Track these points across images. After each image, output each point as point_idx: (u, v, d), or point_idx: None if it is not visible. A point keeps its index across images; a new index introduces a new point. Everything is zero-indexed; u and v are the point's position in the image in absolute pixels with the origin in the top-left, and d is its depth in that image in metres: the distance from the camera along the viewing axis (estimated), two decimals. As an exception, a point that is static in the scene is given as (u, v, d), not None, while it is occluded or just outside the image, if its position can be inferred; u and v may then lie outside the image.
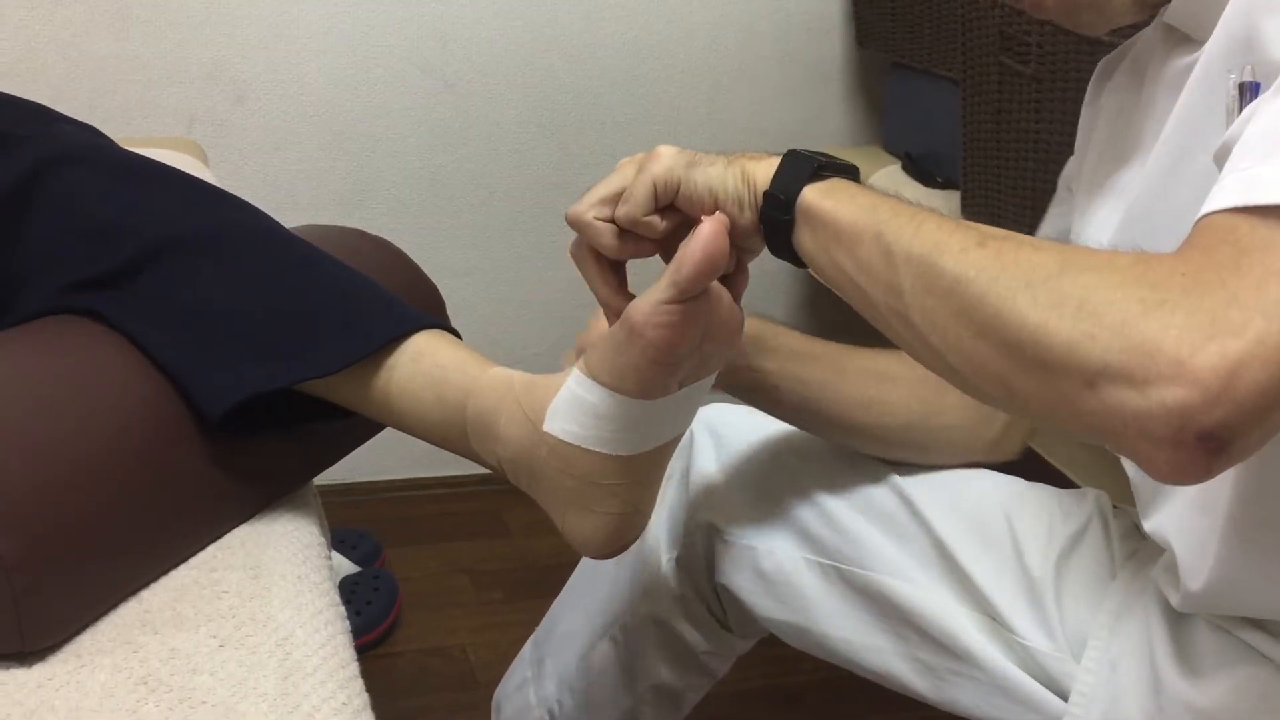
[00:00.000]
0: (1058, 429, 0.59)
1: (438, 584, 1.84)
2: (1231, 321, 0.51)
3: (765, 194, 0.73)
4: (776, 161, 0.74)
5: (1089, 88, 0.95)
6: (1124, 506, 0.98)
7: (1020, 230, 0.64)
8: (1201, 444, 0.51)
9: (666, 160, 0.76)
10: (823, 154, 0.74)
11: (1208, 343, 0.51)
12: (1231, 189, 0.57)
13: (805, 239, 0.72)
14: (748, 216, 0.74)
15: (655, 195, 0.76)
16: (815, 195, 0.71)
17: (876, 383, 0.96)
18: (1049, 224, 1.00)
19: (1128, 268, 0.55)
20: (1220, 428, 0.51)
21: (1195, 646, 0.82)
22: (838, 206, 0.70)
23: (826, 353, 0.97)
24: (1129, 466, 0.87)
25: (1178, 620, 0.84)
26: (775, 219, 0.73)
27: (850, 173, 0.75)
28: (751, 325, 0.92)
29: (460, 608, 1.80)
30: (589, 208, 0.79)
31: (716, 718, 1.21)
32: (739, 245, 0.75)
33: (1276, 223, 0.54)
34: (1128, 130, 0.86)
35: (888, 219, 0.66)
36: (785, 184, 0.73)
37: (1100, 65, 0.93)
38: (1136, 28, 0.88)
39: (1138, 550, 0.93)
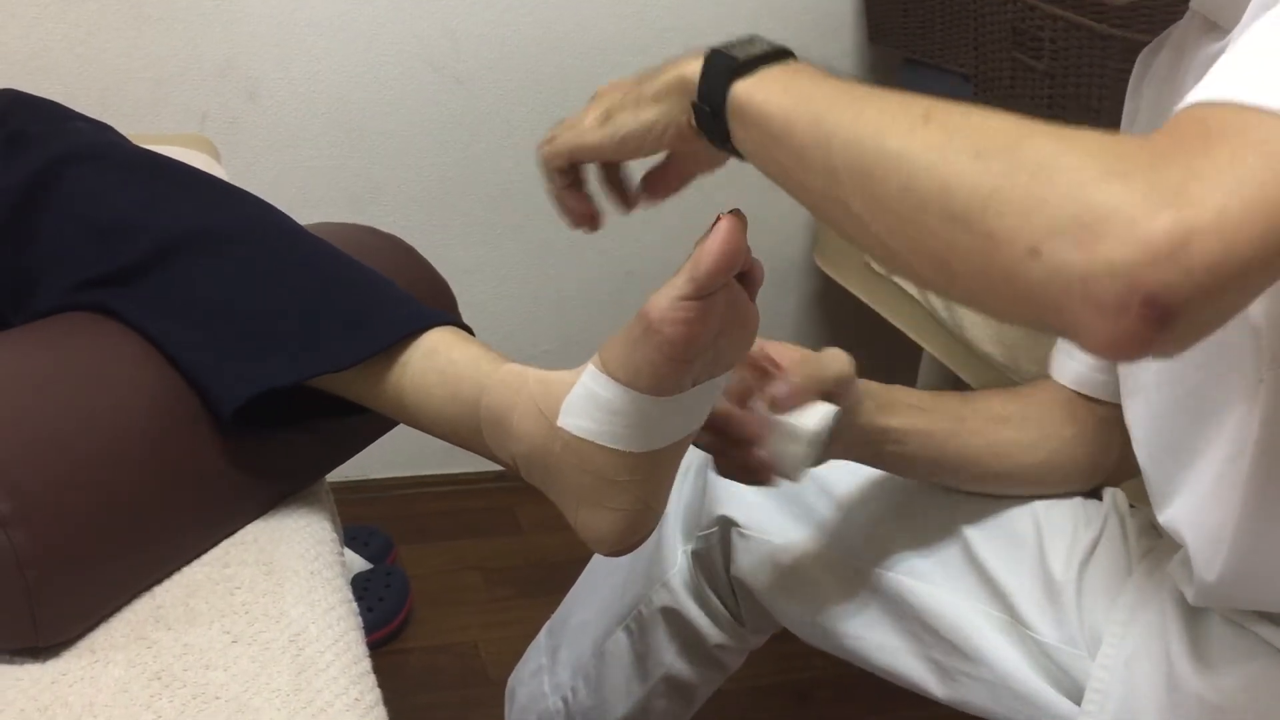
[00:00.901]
0: (993, 310, 0.57)
1: (449, 581, 1.85)
2: (1191, 193, 0.49)
3: (692, 104, 0.71)
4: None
5: (1130, 82, 0.94)
6: (1140, 505, 0.98)
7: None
8: (1146, 310, 0.49)
9: (589, 136, 0.76)
10: (751, 39, 0.71)
11: (1164, 209, 0.49)
12: (1208, 87, 0.56)
13: (740, 138, 0.69)
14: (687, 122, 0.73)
15: (574, 164, 0.79)
16: (744, 93, 0.68)
17: (998, 427, 0.96)
18: None
19: (1089, 140, 0.53)
20: (1167, 293, 0.48)
21: (1209, 641, 0.82)
22: (768, 99, 0.66)
23: (940, 403, 0.96)
24: (1142, 460, 0.87)
25: (1192, 615, 0.84)
26: (709, 127, 0.71)
27: (781, 55, 0.71)
28: (865, 385, 0.92)
29: (472, 604, 1.80)
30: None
31: (728, 713, 1.21)
32: (694, 153, 0.75)
33: (1247, 114, 0.52)
34: (1163, 120, 0.86)
35: (824, 107, 0.63)
36: (709, 89, 0.70)
37: (1140, 57, 0.93)
38: (1173, 15, 0.88)
39: (1154, 547, 0.93)
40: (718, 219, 0.68)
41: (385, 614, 1.69)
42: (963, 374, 1.68)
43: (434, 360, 0.83)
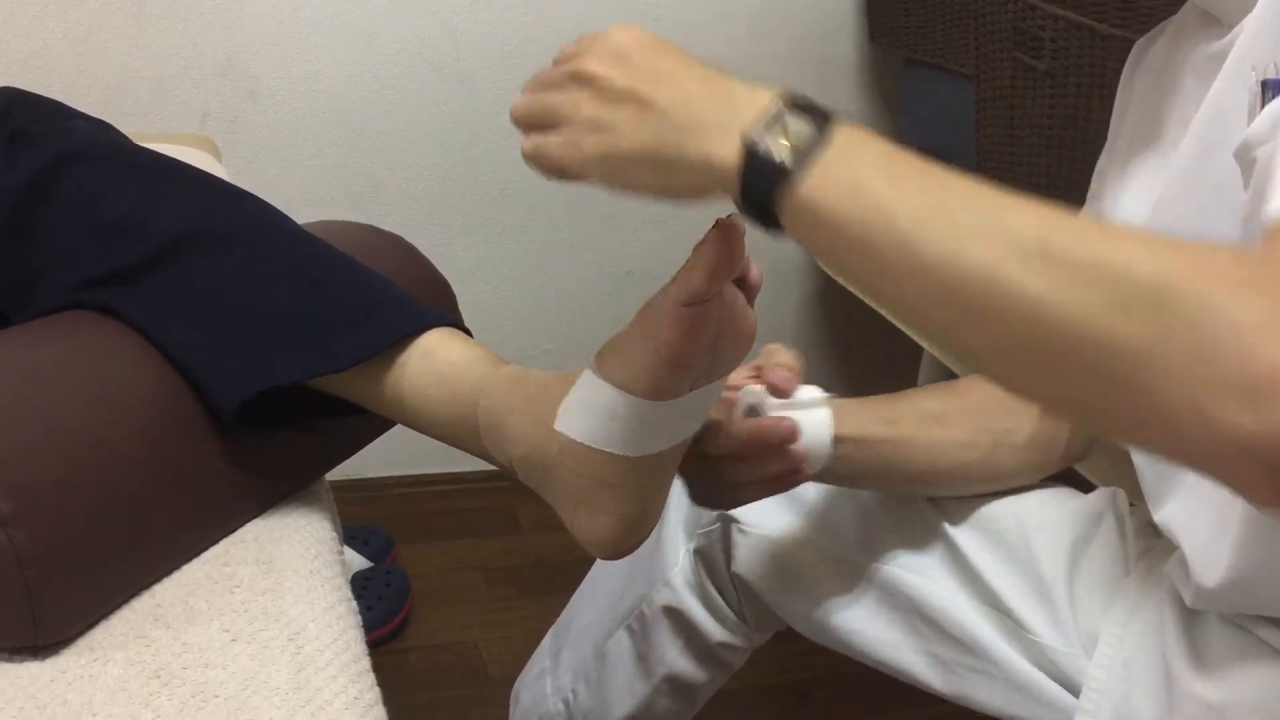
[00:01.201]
0: (1135, 446, 0.53)
1: (449, 580, 1.85)
2: None
3: (740, 206, 0.62)
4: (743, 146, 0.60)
5: (1123, 73, 0.94)
6: (1140, 504, 0.98)
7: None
8: None
9: (588, 169, 0.66)
10: (781, 114, 0.61)
11: None
12: None
13: (804, 243, 0.60)
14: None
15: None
16: (803, 202, 0.58)
17: (932, 426, 0.94)
18: None
19: (1229, 270, 0.50)
20: None
21: (1208, 642, 0.82)
22: (837, 208, 0.57)
23: (869, 408, 0.93)
24: (1136, 458, 0.86)
25: (1190, 616, 0.84)
26: (757, 220, 0.61)
27: (826, 122, 0.60)
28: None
29: (472, 604, 1.80)
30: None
31: (729, 713, 1.21)
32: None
33: None
34: (1158, 112, 0.85)
35: (911, 224, 0.55)
36: (755, 195, 0.59)
37: (1135, 48, 0.93)
38: (1172, 12, 0.88)
39: (1152, 547, 0.93)
40: (716, 223, 0.68)
41: (385, 613, 1.69)
42: (963, 374, 1.68)
43: (432, 362, 0.83)
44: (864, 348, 2.25)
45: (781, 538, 1.00)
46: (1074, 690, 0.89)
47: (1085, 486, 1.03)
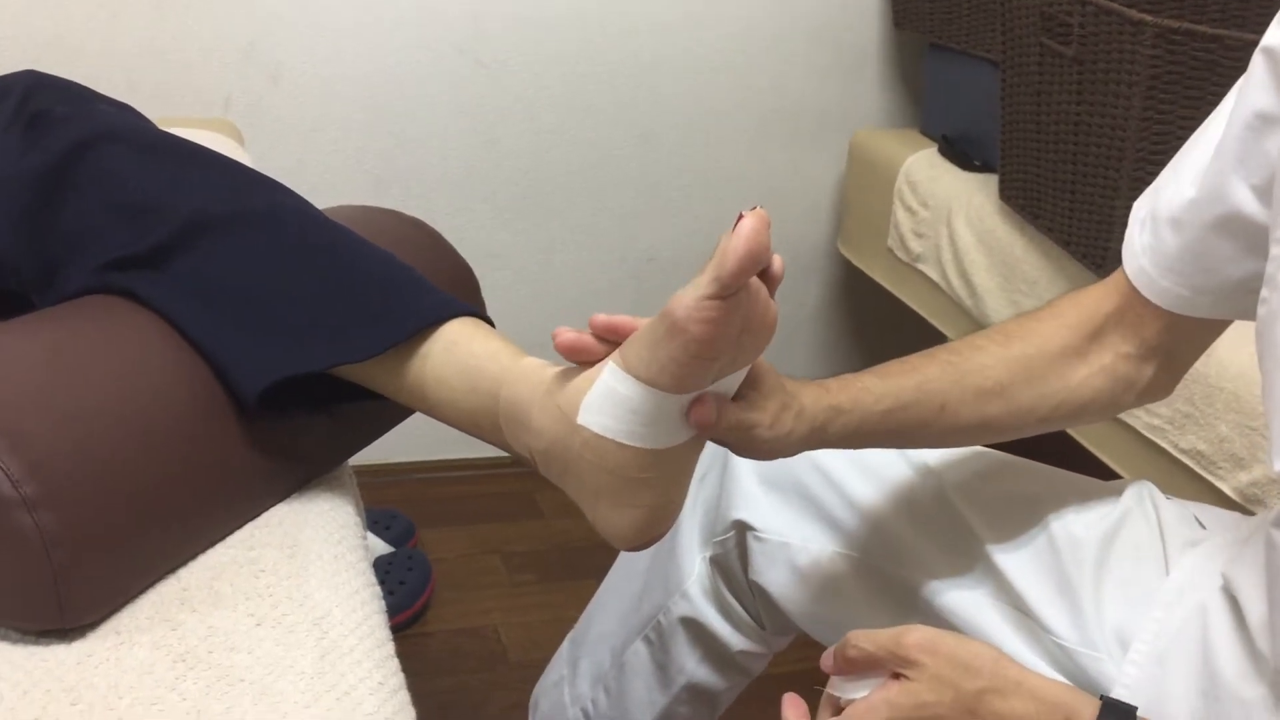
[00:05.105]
0: None
1: (470, 565, 1.85)
2: None
3: None
4: None
5: None
6: (1175, 497, 0.96)
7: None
8: None
9: None
10: None
11: None
12: None
13: None
14: None
15: None
16: None
17: (987, 402, 0.87)
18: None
19: None
20: None
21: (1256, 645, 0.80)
22: None
23: (913, 378, 0.86)
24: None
25: (1239, 616, 0.81)
26: None
27: None
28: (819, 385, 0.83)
29: (492, 588, 1.81)
30: None
31: (746, 702, 1.21)
32: None
33: None
34: None
35: None
36: None
37: None
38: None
39: (1198, 541, 0.90)
40: (740, 216, 0.67)
41: (407, 597, 1.70)
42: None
43: (454, 353, 0.83)
44: (887, 335, 2.24)
45: (798, 546, 1.00)
46: (1095, 694, 0.87)
47: (1107, 475, 1.01)
